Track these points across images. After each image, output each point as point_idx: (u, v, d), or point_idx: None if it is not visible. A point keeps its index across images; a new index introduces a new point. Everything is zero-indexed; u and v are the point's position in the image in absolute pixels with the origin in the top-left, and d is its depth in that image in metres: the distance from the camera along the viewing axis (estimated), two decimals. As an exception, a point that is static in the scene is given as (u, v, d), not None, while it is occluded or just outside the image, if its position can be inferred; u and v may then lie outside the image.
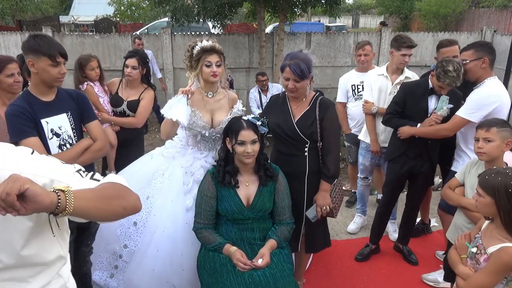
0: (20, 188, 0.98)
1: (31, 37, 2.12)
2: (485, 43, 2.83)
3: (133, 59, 3.35)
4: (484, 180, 1.83)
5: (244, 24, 15.39)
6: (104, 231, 2.56)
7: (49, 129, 2.20)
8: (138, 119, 3.41)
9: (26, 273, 1.24)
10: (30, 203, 1.00)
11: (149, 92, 3.47)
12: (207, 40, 2.51)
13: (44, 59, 2.09)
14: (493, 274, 1.77)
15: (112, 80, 3.57)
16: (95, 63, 3.43)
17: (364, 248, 3.47)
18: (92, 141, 2.38)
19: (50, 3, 22.97)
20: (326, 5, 7.59)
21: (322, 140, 2.54)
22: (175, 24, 7.52)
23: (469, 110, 2.73)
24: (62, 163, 1.28)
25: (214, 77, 2.50)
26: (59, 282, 1.34)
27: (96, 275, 2.64)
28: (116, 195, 1.25)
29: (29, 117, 2.12)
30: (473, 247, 1.91)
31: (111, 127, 3.43)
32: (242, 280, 2.18)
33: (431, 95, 3.00)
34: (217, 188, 2.36)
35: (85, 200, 1.12)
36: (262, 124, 2.34)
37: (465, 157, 2.89)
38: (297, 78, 2.41)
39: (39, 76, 2.14)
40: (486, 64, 2.70)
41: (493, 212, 1.80)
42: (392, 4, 19.19)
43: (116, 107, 3.44)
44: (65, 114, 2.28)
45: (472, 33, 8.89)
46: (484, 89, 2.72)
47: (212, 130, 2.59)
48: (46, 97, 2.23)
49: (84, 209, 1.12)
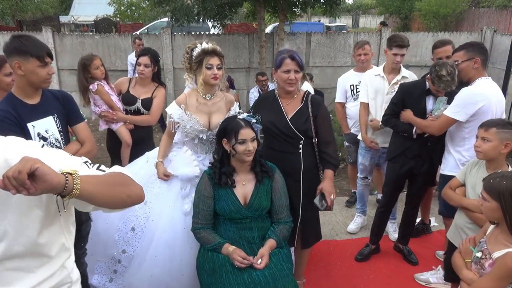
0: (31, 167, 1.03)
1: (15, 38, 2.04)
2: (476, 43, 2.81)
3: (145, 57, 3.37)
4: (489, 184, 1.81)
5: (244, 24, 15.39)
6: (102, 236, 2.56)
7: (35, 133, 2.12)
8: (152, 116, 3.45)
9: (33, 263, 1.27)
10: (39, 182, 1.05)
11: (161, 90, 3.51)
12: (207, 42, 2.51)
13: (33, 60, 2.01)
14: (498, 279, 1.75)
15: (120, 79, 3.58)
16: (99, 61, 3.43)
17: (364, 248, 3.47)
18: (80, 145, 2.31)
19: (50, 3, 22.99)
20: (326, 5, 7.59)
21: (318, 136, 2.58)
22: (175, 24, 7.53)
23: (454, 108, 2.72)
24: (70, 155, 1.32)
25: (215, 79, 2.51)
26: (63, 273, 1.37)
27: (95, 279, 2.64)
28: (121, 182, 1.30)
29: (15, 122, 2.04)
30: (478, 252, 1.89)
31: (124, 126, 3.45)
32: (241, 280, 2.17)
33: (429, 95, 3.00)
34: (214, 188, 2.36)
35: (92, 184, 1.17)
36: (257, 122, 2.36)
37: (451, 158, 2.88)
38: (298, 68, 2.46)
39: (26, 78, 2.05)
40: (478, 64, 2.70)
41: (498, 216, 1.78)
42: (392, 4, 19.19)
43: (129, 106, 3.46)
44: (51, 117, 2.20)
45: (472, 33, 8.89)
46: (471, 88, 2.71)
47: (209, 132, 2.60)
48: (32, 100, 2.14)
49: (90, 192, 1.16)
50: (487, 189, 1.81)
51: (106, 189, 1.23)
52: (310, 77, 5.68)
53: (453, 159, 2.85)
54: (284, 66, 2.47)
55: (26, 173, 1.02)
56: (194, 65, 2.53)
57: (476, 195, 2.30)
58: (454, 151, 2.86)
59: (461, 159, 2.79)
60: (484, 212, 1.87)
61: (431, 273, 3.12)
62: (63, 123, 2.25)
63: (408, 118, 3.02)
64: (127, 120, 3.43)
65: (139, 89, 3.47)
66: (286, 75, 2.48)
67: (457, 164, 2.81)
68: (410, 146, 3.07)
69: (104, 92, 3.38)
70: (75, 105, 2.36)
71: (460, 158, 2.80)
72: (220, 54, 2.54)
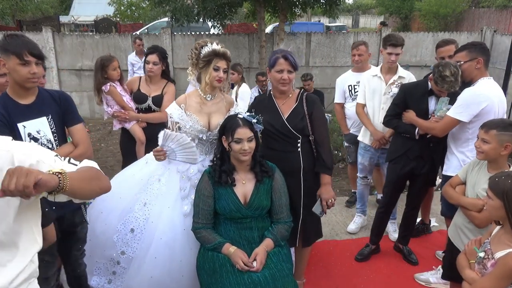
0: (35, 179, 1.14)
1: (4, 36, 2.05)
2: (478, 43, 2.80)
3: (153, 55, 3.41)
4: (494, 183, 1.81)
5: (244, 24, 15.40)
6: (100, 238, 2.55)
7: (26, 134, 2.10)
8: (164, 113, 3.43)
9: (5, 257, 1.31)
10: (40, 189, 1.17)
11: (171, 86, 3.57)
12: (217, 44, 2.53)
13: (13, 58, 2.00)
14: (498, 279, 1.75)
15: (130, 79, 3.65)
16: (117, 63, 3.49)
17: (364, 248, 3.47)
18: (73, 147, 2.26)
19: (50, 3, 22.97)
20: (326, 5, 7.59)
21: (313, 134, 2.59)
22: (175, 24, 7.53)
23: (457, 109, 2.72)
24: (42, 148, 1.42)
25: (219, 82, 2.54)
26: (32, 268, 1.42)
27: (93, 280, 2.63)
28: (94, 176, 1.46)
29: (4, 122, 2.03)
30: (481, 252, 1.90)
31: (137, 124, 3.51)
32: (241, 280, 2.17)
33: (431, 96, 2.99)
34: (214, 187, 2.36)
35: (76, 181, 1.30)
36: (258, 122, 2.36)
37: (454, 159, 2.87)
38: (291, 68, 2.47)
39: (11, 76, 2.06)
40: (480, 64, 2.69)
41: (502, 215, 1.78)
42: (392, 4, 19.20)
43: (140, 104, 3.52)
44: (45, 118, 2.17)
45: (472, 33, 8.89)
46: (473, 88, 2.70)
47: (209, 133, 2.60)
48: (25, 100, 2.12)
49: (74, 188, 1.28)
50: (491, 187, 1.81)
51: (85, 184, 1.37)
52: (310, 77, 5.68)
53: (456, 160, 2.84)
54: (278, 66, 2.48)
55: (32, 185, 1.12)
56: (201, 63, 2.54)
57: (475, 194, 2.31)
58: (457, 152, 2.85)
59: (465, 160, 2.77)
60: (488, 211, 1.87)
61: (431, 273, 3.12)
62: (58, 124, 2.22)
63: (410, 119, 3.01)
64: (139, 118, 3.49)
65: (149, 87, 3.53)
66: (279, 75, 2.50)
67: (460, 164, 2.79)
68: (411, 147, 3.07)
69: (116, 93, 3.43)
70: (73, 106, 2.33)
71: (464, 159, 2.79)
72: (229, 58, 2.57)
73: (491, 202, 1.81)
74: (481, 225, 2.23)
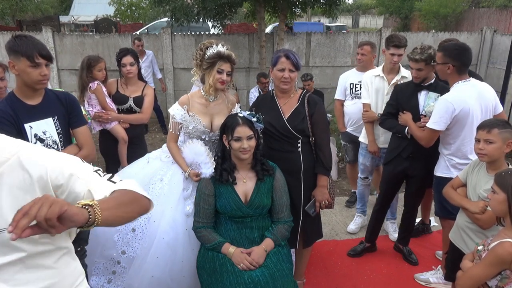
0: (60, 210, 1.01)
1: (12, 37, 2.03)
2: (454, 48, 2.70)
3: (127, 56, 3.43)
4: (500, 177, 1.88)
5: (244, 24, 15.39)
6: (101, 237, 2.54)
7: (32, 134, 2.11)
8: (145, 114, 3.52)
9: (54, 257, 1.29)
10: (67, 223, 1.04)
11: (150, 88, 3.61)
12: (223, 45, 2.53)
13: (23, 60, 1.99)
14: (486, 266, 1.82)
15: (108, 82, 3.60)
16: (103, 64, 3.50)
17: (358, 245, 3.49)
18: (78, 149, 2.27)
19: (50, 3, 22.99)
20: (326, 6, 7.59)
21: (314, 136, 2.59)
22: (175, 24, 7.52)
23: (432, 119, 2.75)
24: (82, 161, 1.33)
25: (222, 84, 2.55)
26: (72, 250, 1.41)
27: (93, 280, 2.62)
28: (132, 200, 1.31)
29: (12, 122, 2.03)
30: (480, 245, 1.96)
31: (120, 124, 3.50)
32: (241, 280, 2.18)
33: (420, 91, 3.04)
34: (215, 185, 2.37)
35: (109, 211, 1.17)
36: (258, 121, 2.37)
37: (442, 160, 2.90)
38: (293, 67, 2.48)
39: (21, 78, 2.05)
40: (451, 70, 2.67)
41: (504, 210, 1.83)
42: (392, 4, 19.22)
43: (121, 105, 3.51)
44: (51, 118, 2.18)
45: (472, 33, 8.88)
46: (445, 96, 2.71)
47: (212, 134, 2.60)
48: (32, 100, 2.13)
49: (108, 220, 1.16)
50: (498, 181, 1.88)
51: (120, 212, 1.23)
52: (310, 77, 5.67)
53: (443, 161, 2.88)
54: (279, 65, 2.49)
55: (56, 218, 1.00)
56: (205, 64, 2.54)
57: (477, 195, 2.31)
58: (443, 154, 2.89)
59: (451, 161, 2.83)
60: (492, 206, 1.92)
61: (431, 273, 3.13)
62: (64, 126, 2.23)
63: (405, 122, 3.04)
64: (121, 119, 3.48)
65: (128, 88, 3.52)
66: (280, 74, 2.51)
67: (447, 165, 2.84)
68: (405, 147, 3.10)
69: (101, 92, 3.42)
70: (78, 107, 2.34)
71: (449, 160, 2.84)
72: (233, 61, 2.57)
73: (496, 196, 1.87)
74: (485, 226, 2.24)
